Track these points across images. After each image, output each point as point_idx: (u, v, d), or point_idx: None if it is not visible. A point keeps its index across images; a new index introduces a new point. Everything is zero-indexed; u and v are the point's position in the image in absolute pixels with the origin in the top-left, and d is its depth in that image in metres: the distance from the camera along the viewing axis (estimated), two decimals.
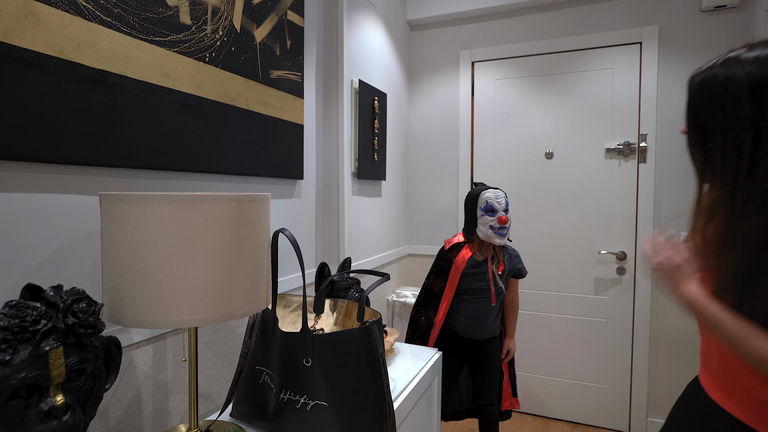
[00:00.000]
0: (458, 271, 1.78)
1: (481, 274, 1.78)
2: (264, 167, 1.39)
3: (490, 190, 1.75)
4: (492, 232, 1.71)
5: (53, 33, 0.82)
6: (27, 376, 0.64)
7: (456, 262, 1.79)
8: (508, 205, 1.75)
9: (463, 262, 1.78)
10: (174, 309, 0.75)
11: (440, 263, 1.87)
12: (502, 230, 1.72)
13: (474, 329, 1.81)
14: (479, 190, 1.78)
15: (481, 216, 1.74)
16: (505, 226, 1.71)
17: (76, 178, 0.90)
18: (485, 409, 1.89)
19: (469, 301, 1.80)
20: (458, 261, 1.79)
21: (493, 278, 1.77)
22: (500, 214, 1.71)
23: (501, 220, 1.70)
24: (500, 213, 1.71)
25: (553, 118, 2.49)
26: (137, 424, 1.03)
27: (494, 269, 1.78)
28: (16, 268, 0.80)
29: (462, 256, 1.79)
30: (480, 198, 1.75)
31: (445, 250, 1.87)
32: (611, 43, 2.34)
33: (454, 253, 1.83)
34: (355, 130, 2.04)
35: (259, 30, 1.35)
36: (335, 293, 1.30)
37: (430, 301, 1.87)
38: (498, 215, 1.71)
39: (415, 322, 1.90)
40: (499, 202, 1.72)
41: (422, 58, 2.77)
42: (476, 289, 1.79)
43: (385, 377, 0.92)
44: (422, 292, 1.91)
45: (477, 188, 1.80)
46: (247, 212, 0.82)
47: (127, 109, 0.96)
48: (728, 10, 2.12)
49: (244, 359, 1.05)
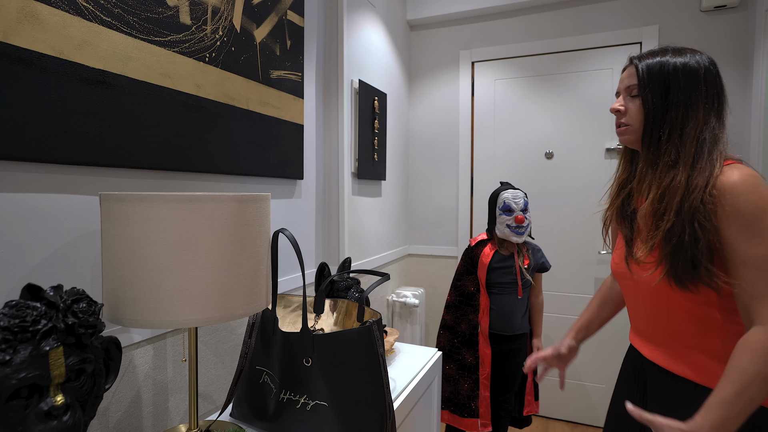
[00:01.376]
0: (485, 266, 1.85)
1: (507, 268, 1.85)
2: (264, 167, 1.39)
3: (509, 190, 1.83)
4: (509, 230, 1.80)
5: (53, 33, 0.82)
6: (27, 376, 0.64)
7: (482, 258, 1.86)
8: (527, 205, 1.82)
9: (488, 257, 1.85)
10: (174, 309, 0.75)
11: (468, 262, 1.91)
12: (519, 229, 1.79)
13: (505, 324, 1.84)
14: (499, 190, 1.86)
15: (499, 215, 1.82)
16: (522, 225, 1.78)
17: (76, 178, 0.90)
18: (501, 405, 1.90)
19: (497, 294, 1.85)
20: (484, 256, 1.86)
21: (519, 271, 1.84)
22: (517, 214, 1.78)
23: (517, 219, 1.77)
24: (517, 213, 1.79)
25: (553, 118, 2.49)
26: (137, 424, 1.03)
27: (520, 263, 1.85)
28: (16, 268, 0.80)
29: (487, 252, 1.86)
30: (499, 198, 1.84)
31: (471, 247, 1.92)
32: (611, 43, 2.34)
33: (479, 249, 1.89)
34: (355, 130, 2.04)
35: (259, 30, 1.35)
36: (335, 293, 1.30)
37: (468, 303, 1.89)
38: (515, 215, 1.79)
39: (453, 329, 1.90)
40: (516, 202, 1.79)
41: (422, 58, 2.77)
42: (504, 283, 1.84)
43: (385, 377, 0.92)
44: (455, 296, 1.92)
45: (499, 188, 1.88)
46: (247, 212, 0.82)
47: (127, 109, 0.96)
48: (728, 10, 2.12)
49: (244, 359, 1.05)
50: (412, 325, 2.54)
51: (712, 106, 0.89)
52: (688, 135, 0.87)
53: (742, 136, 2.12)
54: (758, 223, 0.77)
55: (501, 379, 1.90)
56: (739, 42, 2.11)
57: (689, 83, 0.88)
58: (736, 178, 0.80)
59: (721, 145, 0.86)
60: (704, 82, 0.88)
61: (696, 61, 0.89)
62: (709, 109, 0.88)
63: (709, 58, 0.90)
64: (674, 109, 0.89)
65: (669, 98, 0.89)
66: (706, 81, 0.88)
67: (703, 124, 0.87)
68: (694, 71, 0.88)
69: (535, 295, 1.96)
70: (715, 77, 0.89)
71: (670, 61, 0.90)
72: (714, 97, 0.89)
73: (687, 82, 0.88)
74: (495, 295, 1.85)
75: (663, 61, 0.91)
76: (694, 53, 0.90)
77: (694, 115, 0.88)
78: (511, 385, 1.90)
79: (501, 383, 1.90)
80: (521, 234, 1.79)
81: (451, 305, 1.93)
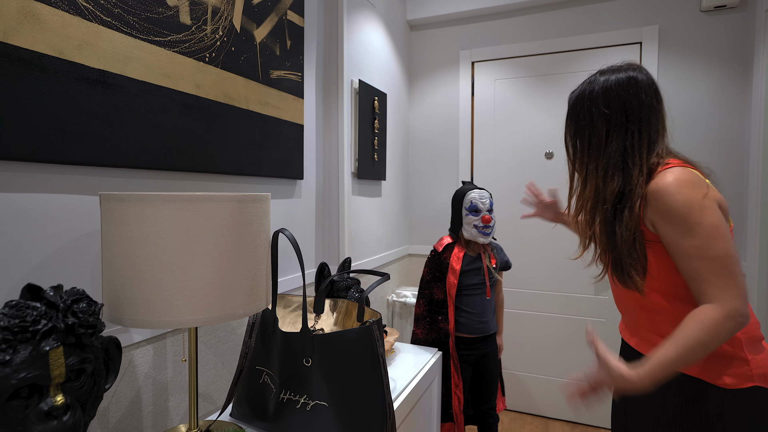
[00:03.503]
0: (457, 271, 1.79)
1: (476, 270, 1.81)
2: (264, 167, 1.39)
3: (475, 190, 1.79)
4: (476, 231, 1.76)
5: (53, 33, 0.82)
6: (27, 376, 0.64)
7: (452, 263, 1.80)
8: (492, 206, 1.80)
9: (458, 260, 1.80)
10: (174, 309, 0.75)
11: (436, 268, 1.85)
12: (486, 229, 1.76)
13: (480, 325, 1.80)
14: (465, 190, 1.81)
15: (466, 215, 1.78)
16: (489, 225, 1.75)
17: (76, 178, 0.90)
18: (487, 414, 1.86)
19: (468, 296, 1.81)
20: (454, 261, 1.80)
21: (488, 271, 1.81)
22: (484, 214, 1.75)
23: (484, 219, 1.74)
24: (484, 213, 1.75)
25: (553, 118, 2.49)
26: (137, 424, 1.03)
27: (488, 263, 1.82)
28: (16, 268, 0.80)
29: (456, 256, 1.81)
30: (465, 198, 1.79)
31: (438, 252, 1.86)
32: (611, 43, 2.34)
33: (448, 254, 1.84)
34: (355, 130, 2.04)
35: (259, 30, 1.35)
36: (335, 293, 1.30)
37: (438, 311, 1.83)
38: (482, 215, 1.75)
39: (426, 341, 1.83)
40: (483, 202, 1.76)
41: (422, 58, 2.77)
42: (474, 285, 1.81)
43: (385, 377, 0.92)
44: (423, 306, 1.85)
45: (463, 188, 1.84)
46: (247, 212, 0.82)
47: (127, 109, 0.96)
48: (728, 10, 2.12)
49: (244, 359, 1.05)
50: (412, 325, 2.55)
51: (624, 122, 0.99)
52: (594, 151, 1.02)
53: (742, 136, 2.12)
54: (688, 218, 0.87)
55: (481, 386, 1.86)
56: (739, 42, 2.11)
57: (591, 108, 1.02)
58: (666, 181, 0.90)
59: (644, 155, 0.97)
60: (606, 104, 1.00)
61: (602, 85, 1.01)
62: (617, 126, 0.99)
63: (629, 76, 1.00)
64: (579, 134, 1.05)
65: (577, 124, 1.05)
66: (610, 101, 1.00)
67: (606, 140, 1.00)
68: (596, 97, 1.01)
69: (497, 293, 1.95)
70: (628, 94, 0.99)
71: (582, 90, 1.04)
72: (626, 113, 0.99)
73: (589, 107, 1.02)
74: (466, 298, 1.81)
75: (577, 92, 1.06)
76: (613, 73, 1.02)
77: (596, 134, 1.01)
78: (492, 390, 1.86)
79: (483, 390, 1.86)
80: (488, 234, 1.76)
81: (420, 318, 1.84)
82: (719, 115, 2.16)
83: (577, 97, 1.05)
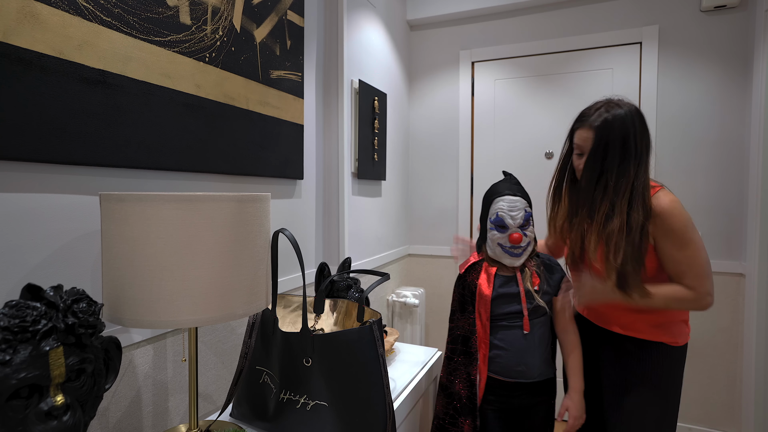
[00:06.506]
0: (487, 297, 1.30)
1: (512, 295, 1.31)
2: (264, 167, 1.39)
3: (506, 197, 1.29)
4: (501, 250, 1.30)
5: (53, 33, 0.82)
6: (27, 376, 0.64)
7: (481, 286, 1.31)
8: (528, 218, 1.29)
9: (488, 282, 1.31)
10: (174, 309, 0.75)
11: (461, 295, 1.36)
12: (515, 250, 1.28)
13: (520, 367, 1.28)
14: (494, 194, 1.33)
15: (490, 229, 1.31)
16: (518, 245, 1.28)
17: (76, 178, 0.90)
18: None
19: (506, 328, 1.30)
20: (483, 283, 1.32)
21: (526, 295, 1.29)
22: (512, 232, 1.27)
23: (512, 239, 1.26)
24: (513, 230, 1.27)
25: (553, 118, 2.49)
26: (137, 424, 1.03)
27: (527, 284, 1.30)
28: (16, 268, 0.80)
29: (485, 277, 1.32)
30: (492, 206, 1.32)
31: (462, 275, 1.39)
32: (611, 43, 2.34)
33: (474, 275, 1.35)
34: (355, 130, 2.04)
35: (259, 30, 1.35)
36: (335, 293, 1.30)
37: (463, 351, 1.32)
38: (509, 232, 1.27)
39: (448, 389, 1.32)
40: (513, 215, 1.27)
41: (422, 58, 2.77)
42: (509, 314, 1.30)
43: (385, 377, 0.92)
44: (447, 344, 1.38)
45: (494, 188, 1.35)
46: (247, 212, 0.82)
47: (127, 109, 0.96)
48: (728, 10, 2.12)
49: (244, 359, 1.05)
50: (412, 325, 2.55)
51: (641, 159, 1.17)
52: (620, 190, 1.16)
53: (742, 136, 2.12)
54: (684, 236, 1.15)
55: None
56: (739, 42, 2.11)
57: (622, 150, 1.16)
58: (666, 204, 1.15)
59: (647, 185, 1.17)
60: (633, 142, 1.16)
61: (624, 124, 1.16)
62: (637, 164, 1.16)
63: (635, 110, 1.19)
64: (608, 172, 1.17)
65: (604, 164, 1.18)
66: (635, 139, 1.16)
67: (633, 178, 1.15)
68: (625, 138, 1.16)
69: (562, 329, 1.34)
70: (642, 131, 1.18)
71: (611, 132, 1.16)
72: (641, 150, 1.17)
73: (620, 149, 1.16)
74: (501, 330, 1.30)
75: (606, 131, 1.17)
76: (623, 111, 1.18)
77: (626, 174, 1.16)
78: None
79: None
80: (518, 256, 1.29)
81: (446, 358, 1.36)
82: (719, 115, 2.16)
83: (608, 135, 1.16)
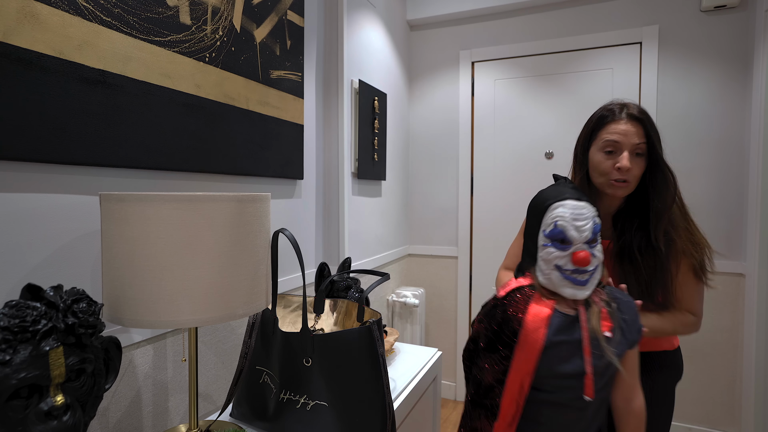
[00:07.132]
0: (535, 345, 0.86)
1: (573, 344, 0.87)
2: (264, 167, 1.39)
3: (568, 201, 0.89)
4: (559, 276, 0.88)
5: (53, 33, 0.82)
6: (27, 376, 0.64)
7: (528, 326, 0.87)
8: (597, 232, 0.89)
9: (542, 323, 0.87)
10: (174, 309, 0.75)
11: (495, 328, 0.91)
12: (580, 275, 0.87)
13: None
14: (549, 199, 0.92)
15: (544, 246, 0.90)
16: (585, 270, 0.87)
17: (76, 178, 0.90)
18: None
19: (555, 405, 0.89)
20: (532, 323, 0.87)
21: (591, 345, 0.86)
22: (577, 248, 0.87)
23: (577, 259, 0.86)
24: (578, 247, 0.87)
25: (554, 118, 2.49)
26: (137, 424, 1.03)
27: (595, 326, 0.88)
28: (16, 268, 0.80)
29: (536, 314, 0.88)
30: (547, 214, 0.91)
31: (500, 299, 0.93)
32: (611, 43, 2.34)
33: (519, 307, 0.90)
34: (355, 130, 2.04)
35: (259, 30, 1.35)
36: (335, 293, 1.30)
37: (480, 402, 0.92)
38: (572, 249, 0.87)
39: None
40: (578, 225, 0.87)
41: (422, 58, 2.77)
42: (565, 375, 0.87)
43: (385, 377, 0.92)
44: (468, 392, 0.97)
45: (546, 192, 0.95)
46: (247, 212, 0.82)
47: (127, 109, 0.96)
48: (728, 10, 2.12)
49: (244, 359, 1.05)
50: (412, 325, 2.55)
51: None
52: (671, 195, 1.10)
53: (742, 136, 2.12)
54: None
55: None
56: (739, 42, 2.11)
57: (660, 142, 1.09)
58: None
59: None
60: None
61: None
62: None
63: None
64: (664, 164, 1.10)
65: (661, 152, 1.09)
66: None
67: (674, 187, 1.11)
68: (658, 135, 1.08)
69: (624, 397, 0.93)
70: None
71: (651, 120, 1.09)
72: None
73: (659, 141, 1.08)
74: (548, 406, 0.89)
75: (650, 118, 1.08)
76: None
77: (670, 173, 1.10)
78: None
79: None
80: (583, 284, 0.87)
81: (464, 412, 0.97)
82: (719, 115, 2.16)
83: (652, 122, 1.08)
